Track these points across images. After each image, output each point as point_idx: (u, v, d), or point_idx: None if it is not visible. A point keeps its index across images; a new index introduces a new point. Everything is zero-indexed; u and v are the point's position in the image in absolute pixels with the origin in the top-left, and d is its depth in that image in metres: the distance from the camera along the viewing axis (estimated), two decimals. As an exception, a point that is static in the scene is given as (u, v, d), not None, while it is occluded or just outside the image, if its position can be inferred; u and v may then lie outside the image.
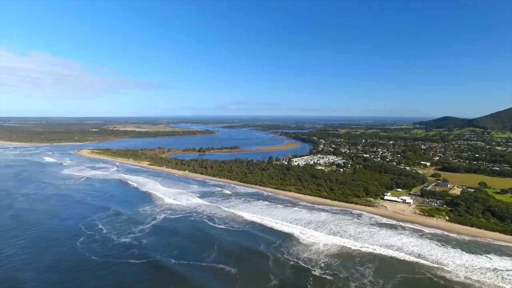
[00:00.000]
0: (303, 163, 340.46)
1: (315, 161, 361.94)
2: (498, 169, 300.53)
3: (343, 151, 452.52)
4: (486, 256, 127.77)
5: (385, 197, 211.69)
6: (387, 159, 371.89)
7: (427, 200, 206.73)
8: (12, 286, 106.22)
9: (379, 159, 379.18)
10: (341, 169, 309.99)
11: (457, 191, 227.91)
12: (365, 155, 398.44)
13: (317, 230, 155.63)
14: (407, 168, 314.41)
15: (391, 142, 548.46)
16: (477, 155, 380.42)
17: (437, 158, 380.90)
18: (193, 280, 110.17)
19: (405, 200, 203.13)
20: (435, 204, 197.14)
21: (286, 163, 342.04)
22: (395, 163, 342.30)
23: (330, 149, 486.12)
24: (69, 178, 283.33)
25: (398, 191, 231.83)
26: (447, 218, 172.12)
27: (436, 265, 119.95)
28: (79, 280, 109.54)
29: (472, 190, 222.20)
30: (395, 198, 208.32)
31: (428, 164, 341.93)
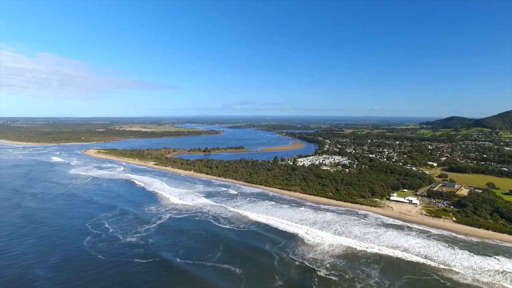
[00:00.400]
0: (308, 163, 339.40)
1: (321, 161, 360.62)
2: (507, 169, 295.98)
3: (348, 151, 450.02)
4: (495, 258, 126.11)
5: (391, 198, 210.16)
6: (393, 160, 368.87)
7: (434, 201, 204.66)
8: (23, 285, 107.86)
9: (385, 159, 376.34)
10: (347, 170, 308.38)
11: (464, 192, 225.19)
12: (371, 156, 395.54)
13: (323, 230, 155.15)
14: (414, 168, 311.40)
15: (397, 143, 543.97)
16: (485, 156, 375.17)
17: (444, 158, 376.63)
18: (198, 280, 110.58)
19: (412, 200, 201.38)
20: (442, 205, 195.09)
21: (291, 163, 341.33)
22: (401, 164, 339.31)
23: (335, 149, 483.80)
24: (76, 178, 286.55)
25: (404, 191, 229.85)
26: (454, 219, 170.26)
27: (443, 267, 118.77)
28: (85, 279, 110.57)
29: (480, 191, 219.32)
30: (401, 199, 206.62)
31: (435, 164, 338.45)
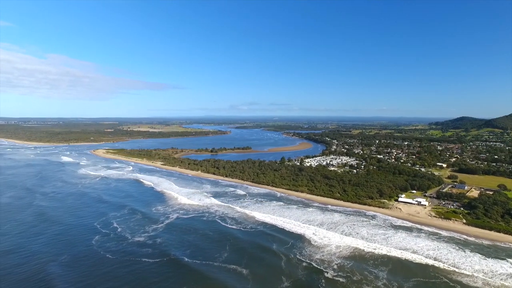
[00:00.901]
0: (316, 164, 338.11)
1: (328, 162, 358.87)
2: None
3: (356, 152, 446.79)
4: (507, 261, 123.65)
5: (400, 199, 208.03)
6: (402, 160, 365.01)
7: (443, 203, 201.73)
8: (34, 283, 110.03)
9: (393, 160, 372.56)
10: (354, 170, 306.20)
11: (474, 193, 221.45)
12: (379, 156, 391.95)
13: (330, 231, 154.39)
14: (423, 169, 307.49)
15: (406, 143, 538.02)
16: (496, 157, 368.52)
17: (454, 159, 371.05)
18: (205, 279, 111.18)
19: (420, 202, 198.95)
20: (452, 207, 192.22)
21: (298, 163, 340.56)
22: (409, 165, 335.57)
23: (343, 150, 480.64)
24: (85, 177, 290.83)
25: (413, 193, 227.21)
26: (464, 221, 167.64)
27: (453, 269, 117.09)
28: (94, 279, 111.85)
29: (491, 193, 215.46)
30: (410, 200, 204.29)
31: (444, 165, 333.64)
